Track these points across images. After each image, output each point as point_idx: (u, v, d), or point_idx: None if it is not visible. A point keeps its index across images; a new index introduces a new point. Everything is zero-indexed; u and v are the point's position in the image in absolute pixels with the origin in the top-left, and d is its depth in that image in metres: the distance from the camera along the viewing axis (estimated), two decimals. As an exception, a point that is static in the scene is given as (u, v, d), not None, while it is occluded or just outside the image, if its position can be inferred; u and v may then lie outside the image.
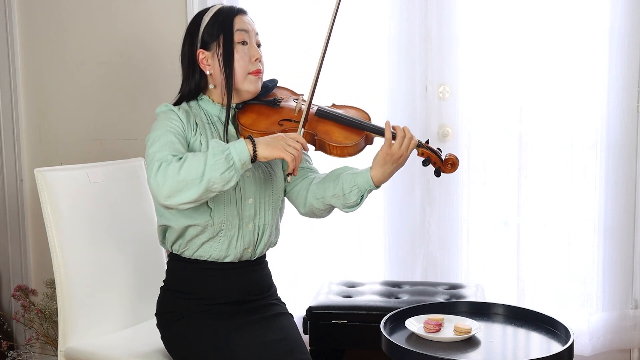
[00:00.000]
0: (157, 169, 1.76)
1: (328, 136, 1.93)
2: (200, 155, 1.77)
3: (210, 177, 1.73)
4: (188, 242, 1.96)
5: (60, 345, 2.21)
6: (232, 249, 1.96)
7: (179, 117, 1.92)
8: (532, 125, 2.89)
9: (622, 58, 2.74)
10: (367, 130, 1.95)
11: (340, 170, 1.98)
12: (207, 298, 1.97)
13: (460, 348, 1.89)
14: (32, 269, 3.20)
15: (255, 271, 2.03)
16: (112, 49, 3.01)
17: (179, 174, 1.74)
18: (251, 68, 1.97)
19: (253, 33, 2.00)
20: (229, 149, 1.75)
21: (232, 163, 1.74)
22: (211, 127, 1.97)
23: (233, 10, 1.99)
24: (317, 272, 3.04)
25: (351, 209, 1.96)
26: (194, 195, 1.75)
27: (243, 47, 1.96)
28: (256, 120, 1.96)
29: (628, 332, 2.85)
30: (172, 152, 1.81)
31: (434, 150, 1.96)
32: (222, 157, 1.74)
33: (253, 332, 1.93)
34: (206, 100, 2.01)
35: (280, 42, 2.94)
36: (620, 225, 2.83)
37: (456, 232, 2.92)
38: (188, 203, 1.77)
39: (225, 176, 1.74)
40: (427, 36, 2.85)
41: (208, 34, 1.96)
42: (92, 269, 2.26)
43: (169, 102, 1.99)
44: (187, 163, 1.75)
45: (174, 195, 1.75)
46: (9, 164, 3.15)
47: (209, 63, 1.97)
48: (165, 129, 1.88)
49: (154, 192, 1.77)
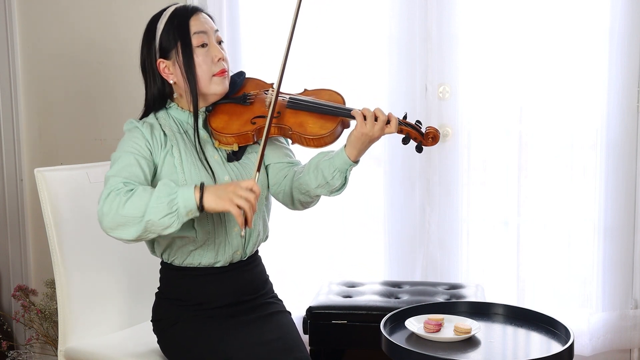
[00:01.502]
0: (106, 197, 1.74)
1: (302, 129, 1.88)
2: (148, 193, 1.72)
3: (149, 219, 1.70)
4: (176, 251, 1.94)
5: (60, 345, 2.21)
6: (221, 254, 1.94)
7: (142, 134, 1.86)
8: (532, 125, 2.89)
9: (622, 58, 2.74)
10: (341, 115, 1.89)
11: (316, 158, 1.91)
12: (202, 303, 1.96)
13: (460, 348, 1.89)
14: (32, 269, 3.20)
15: (248, 270, 2.01)
16: (112, 49, 3.01)
17: (123, 208, 1.71)
18: (215, 70, 1.90)
19: (212, 32, 1.92)
20: (177, 194, 1.70)
21: (175, 209, 1.70)
22: (183, 136, 1.92)
23: (187, 10, 1.91)
24: (317, 272, 3.03)
25: (338, 192, 1.90)
26: (133, 234, 1.73)
27: (203, 50, 1.89)
28: (228, 123, 1.91)
29: (628, 332, 2.85)
30: (125, 180, 1.78)
31: (413, 125, 1.90)
32: (165, 200, 1.69)
33: (249, 332, 1.91)
34: (174, 107, 1.95)
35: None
36: (620, 225, 2.83)
37: (456, 232, 2.92)
38: (129, 240, 1.75)
39: (164, 221, 1.70)
40: (427, 36, 2.85)
41: (165, 41, 1.89)
42: (92, 269, 2.25)
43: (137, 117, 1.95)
44: (132, 198, 1.72)
45: (114, 229, 1.74)
46: (9, 164, 3.15)
47: (171, 72, 1.90)
48: (126, 149, 1.85)
49: (100, 219, 1.75)
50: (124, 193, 1.73)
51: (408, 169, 2.90)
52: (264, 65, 2.91)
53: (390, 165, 2.90)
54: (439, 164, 2.86)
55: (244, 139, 1.91)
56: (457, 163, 2.89)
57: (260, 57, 2.96)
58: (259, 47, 2.97)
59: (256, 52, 2.97)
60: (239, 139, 1.90)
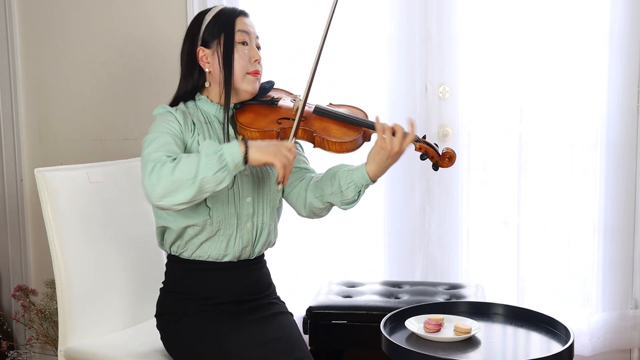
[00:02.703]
0: (151, 170, 1.76)
1: (326, 133, 1.94)
2: (193, 156, 1.77)
3: (203, 177, 1.73)
4: (187, 243, 1.97)
5: (60, 345, 2.21)
6: (231, 247, 1.96)
7: (176, 118, 1.93)
8: (532, 125, 2.89)
9: (622, 58, 2.74)
10: (364, 126, 1.96)
11: (336, 168, 1.99)
12: (207, 298, 1.98)
13: (460, 348, 1.89)
14: (32, 269, 3.20)
15: (254, 270, 2.04)
16: (112, 49, 3.01)
17: (173, 174, 1.74)
18: (250, 68, 1.98)
19: (254, 35, 2.01)
20: (222, 149, 1.75)
21: (224, 164, 1.74)
22: (209, 127, 1.97)
23: (235, 11, 2.01)
24: (317, 272, 3.04)
25: (349, 205, 1.96)
26: (187, 196, 1.75)
27: (243, 47, 1.98)
28: (254, 120, 1.96)
29: (628, 332, 2.86)
30: (166, 153, 1.81)
31: (431, 144, 1.96)
32: (214, 157, 1.74)
33: (252, 332, 1.93)
34: (204, 100, 2.01)
35: (278, 42, 2.94)
36: (620, 225, 2.83)
37: (456, 232, 2.92)
38: (182, 204, 1.76)
39: (217, 176, 1.74)
40: (427, 36, 2.85)
41: (209, 33, 1.97)
42: (92, 269, 2.26)
43: (167, 103, 2.00)
44: (180, 164, 1.75)
45: (167, 196, 1.75)
46: (9, 164, 3.15)
47: (208, 61, 1.98)
48: (161, 130, 1.89)
49: (148, 192, 1.77)
50: (170, 161, 1.77)
51: (408, 169, 2.90)
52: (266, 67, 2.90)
53: (390, 165, 2.90)
54: (439, 164, 2.86)
55: (268, 136, 1.94)
56: (457, 163, 2.87)
57: (262, 58, 2.95)
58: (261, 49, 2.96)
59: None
60: (262, 135, 1.94)
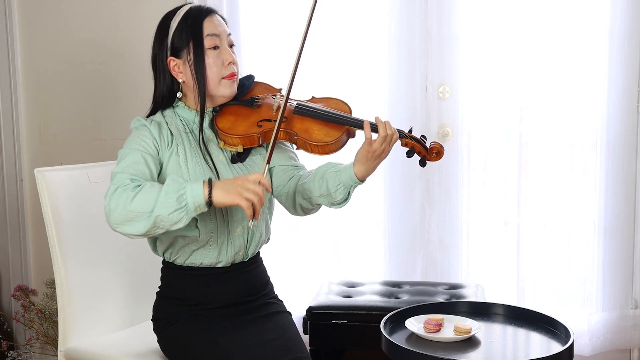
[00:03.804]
0: (113, 193, 1.74)
1: (308, 135, 1.89)
2: (156, 188, 1.72)
3: (158, 215, 1.70)
4: (179, 251, 1.94)
5: (60, 345, 2.21)
6: (223, 255, 1.94)
7: (150, 132, 1.88)
8: (532, 125, 2.89)
9: (622, 58, 2.74)
10: (347, 124, 1.90)
11: (324, 168, 1.92)
12: (203, 303, 1.96)
13: (460, 348, 1.89)
14: (32, 269, 3.20)
15: (250, 272, 2.01)
16: (112, 49, 3.01)
17: (131, 204, 1.71)
18: (225, 72, 1.91)
19: (224, 35, 1.93)
20: (185, 189, 1.70)
21: (184, 204, 1.70)
22: (188, 135, 1.93)
23: (201, 11, 1.92)
24: (317, 272, 3.03)
25: (339, 205, 1.91)
26: (142, 229, 1.72)
27: (215, 52, 1.90)
28: (234, 124, 1.92)
29: (628, 332, 2.85)
30: (132, 176, 1.78)
31: (418, 139, 1.91)
32: (174, 196, 1.70)
33: (249, 332, 1.91)
34: (182, 106, 1.96)
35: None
36: (620, 225, 2.83)
37: (456, 232, 2.92)
38: (137, 235, 1.74)
39: (173, 216, 1.70)
40: (427, 36, 2.85)
41: (178, 40, 1.90)
42: (92, 269, 2.25)
43: (144, 115, 1.96)
44: (140, 194, 1.72)
45: (123, 224, 1.73)
46: (9, 164, 3.15)
47: (180, 70, 1.92)
48: (133, 147, 1.86)
49: (107, 215, 1.75)
50: (132, 189, 1.73)
51: (408, 169, 2.89)
52: (265, 68, 2.91)
53: (390, 165, 2.90)
54: (438, 164, 2.86)
55: (249, 141, 1.91)
56: (457, 163, 2.90)
57: (261, 59, 2.96)
58: (259, 49, 2.96)
59: (256, 54, 2.96)
60: (244, 141, 1.91)
